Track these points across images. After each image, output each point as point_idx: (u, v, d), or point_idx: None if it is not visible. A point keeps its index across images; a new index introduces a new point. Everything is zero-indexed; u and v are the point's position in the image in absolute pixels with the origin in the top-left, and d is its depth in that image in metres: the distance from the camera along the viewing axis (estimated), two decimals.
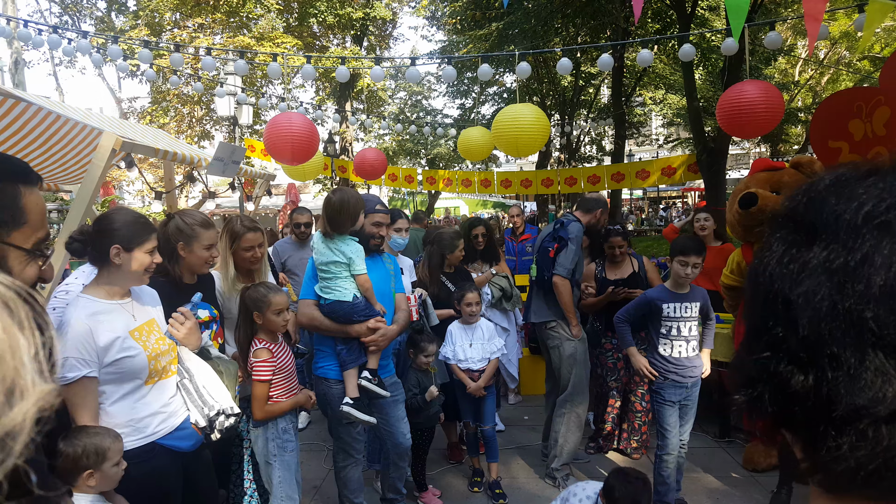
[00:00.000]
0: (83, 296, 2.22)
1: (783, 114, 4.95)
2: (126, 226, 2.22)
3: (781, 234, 0.62)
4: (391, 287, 3.48)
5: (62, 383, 2.05)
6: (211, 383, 2.55)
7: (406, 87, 26.91)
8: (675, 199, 37.02)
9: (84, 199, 3.67)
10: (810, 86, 21.82)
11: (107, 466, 2.03)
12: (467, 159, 9.22)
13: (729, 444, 4.85)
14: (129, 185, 23.25)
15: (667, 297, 3.68)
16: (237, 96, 10.38)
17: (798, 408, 0.56)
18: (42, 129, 4.05)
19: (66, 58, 21.21)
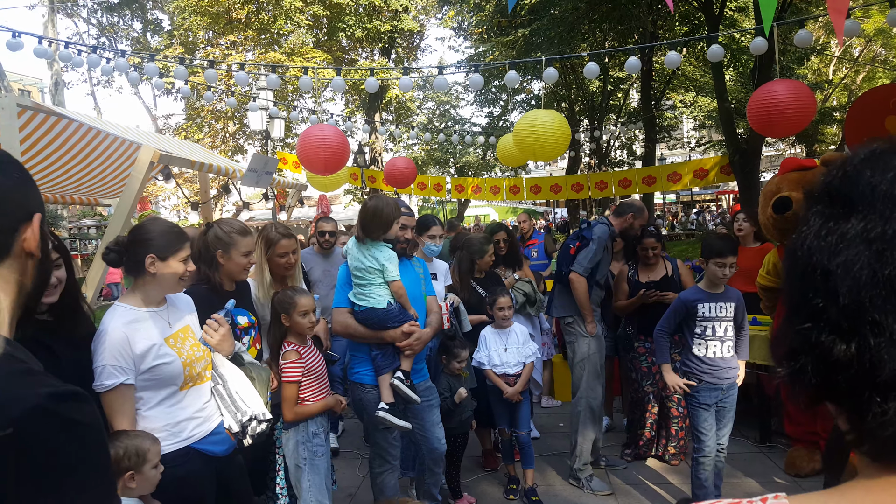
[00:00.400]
0: (120, 304, 2.28)
1: (814, 112, 4.86)
2: (160, 235, 2.28)
3: (818, 209, 0.63)
4: (422, 291, 3.50)
5: (100, 391, 2.10)
6: (244, 389, 2.59)
7: (434, 97, 27.10)
8: (710, 203, 36.38)
9: (123, 212, 3.79)
10: (845, 84, 21.30)
11: (147, 468, 2.07)
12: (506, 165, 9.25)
13: (770, 448, 4.72)
14: (165, 200, 23.85)
15: (702, 298, 3.64)
16: (269, 110, 10.60)
17: (841, 376, 0.57)
18: (82, 144, 4.20)
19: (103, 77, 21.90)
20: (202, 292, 2.85)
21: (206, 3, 16.50)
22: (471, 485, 4.35)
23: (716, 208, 34.37)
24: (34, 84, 30.02)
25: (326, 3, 17.32)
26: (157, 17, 22.55)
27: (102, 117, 23.75)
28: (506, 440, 4.19)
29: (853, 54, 21.57)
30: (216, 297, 2.82)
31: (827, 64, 22.64)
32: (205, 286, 2.88)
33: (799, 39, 5.29)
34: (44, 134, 3.80)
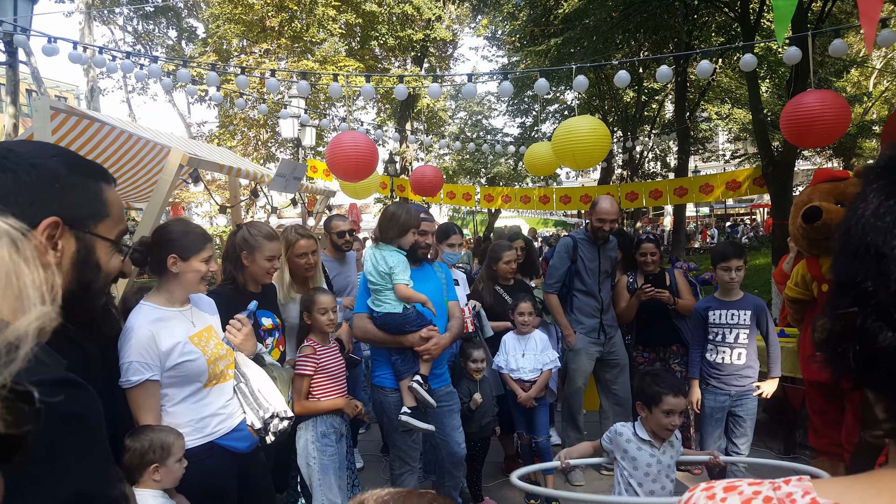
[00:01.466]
0: (145, 303, 2.34)
1: (849, 123, 4.75)
2: (183, 236, 2.34)
3: (878, 186, 0.59)
4: (443, 296, 3.52)
5: (126, 387, 2.17)
6: (266, 387, 2.64)
7: (466, 106, 27.22)
8: (744, 216, 35.71)
9: (153, 214, 3.88)
10: (885, 98, 20.74)
11: (171, 462, 2.12)
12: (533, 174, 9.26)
13: (794, 460, 4.66)
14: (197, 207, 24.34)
15: (713, 305, 3.76)
16: (301, 118, 10.77)
17: (884, 365, 0.55)
18: (114, 148, 4.31)
19: (138, 84, 22.50)
20: (227, 292, 2.92)
21: (241, 12, 16.82)
22: (492, 489, 4.37)
23: (749, 222, 33.73)
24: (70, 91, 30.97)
25: (359, 12, 17.52)
26: (191, 24, 23.03)
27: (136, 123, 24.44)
28: (525, 445, 4.21)
29: (895, 66, 21.00)
30: (240, 297, 2.89)
31: (868, 76, 22.09)
32: (230, 286, 2.96)
33: (834, 49, 5.18)
34: (76, 137, 3.91)
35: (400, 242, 3.26)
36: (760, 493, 0.61)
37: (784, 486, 0.61)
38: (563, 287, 4.55)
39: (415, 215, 3.30)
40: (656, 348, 4.58)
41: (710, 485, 0.68)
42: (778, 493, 0.60)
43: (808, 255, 4.40)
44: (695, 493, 0.68)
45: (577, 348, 4.48)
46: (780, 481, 0.62)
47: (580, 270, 4.49)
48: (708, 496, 0.66)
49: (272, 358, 2.95)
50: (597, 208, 4.45)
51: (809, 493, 0.59)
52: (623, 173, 18.26)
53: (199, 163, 4.27)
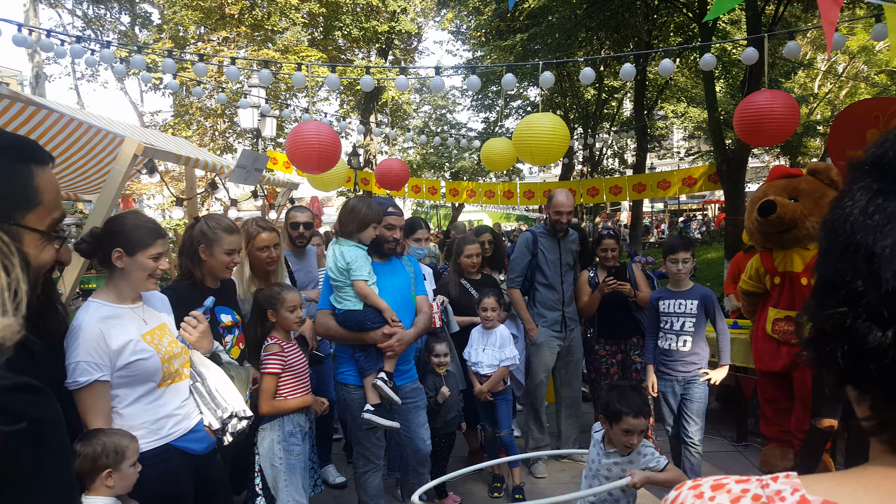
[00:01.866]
0: (94, 300, 2.23)
1: (798, 123, 4.92)
2: (132, 230, 2.23)
3: (866, 183, 0.58)
4: (411, 290, 3.48)
5: (73, 388, 2.06)
6: (223, 387, 2.56)
7: (431, 100, 27.13)
8: (696, 212, 36.65)
9: (104, 207, 3.70)
10: (829, 99, 21.54)
11: (125, 466, 2.04)
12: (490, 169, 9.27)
13: (746, 447, 4.91)
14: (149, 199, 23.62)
15: (664, 295, 4.02)
16: (261, 108, 10.54)
17: (873, 365, 0.54)
18: (62, 136, 4.09)
19: (87, 71, 21.51)
20: (183, 288, 2.82)
21: None
22: (457, 484, 4.37)
23: (701, 217, 34.65)
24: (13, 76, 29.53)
25: (323, 1, 17.23)
26: (146, 10, 22.15)
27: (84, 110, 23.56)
28: (489, 438, 4.23)
29: (838, 70, 21.81)
30: (198, 293, 2.79)
31: (813, 79, 22.88)
32: (187, 282, 2.85)
33: (788, 51, 5.35)
34: (21, 125, 3.68)
35: (360, 237, 3.21)
36: (749, 491, 0.61)
37: (772, 484, 0.60)
38: (525, 281, 4.59)
39: (375, 209, 3.24)
40: (618, 340, 4.67)
41: (697, 483, 0.67)
42: (766, 490, 0.60)
43: (763, 249, 4.54)
44: (682, 491, 0.67)
45: (539, 342, 4.53)
46: (768, 478, 0.62)
47: (541, 264, 4.55)
48: (696, 495, 0.65)
49: (229, 356, 2.86)
50: (553, 201, 4.53)
51: (798, 490, 0.58)
52: (583, 169, 18.50)
53: (155, 153, 4.12)
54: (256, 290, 3.29)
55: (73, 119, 3.99)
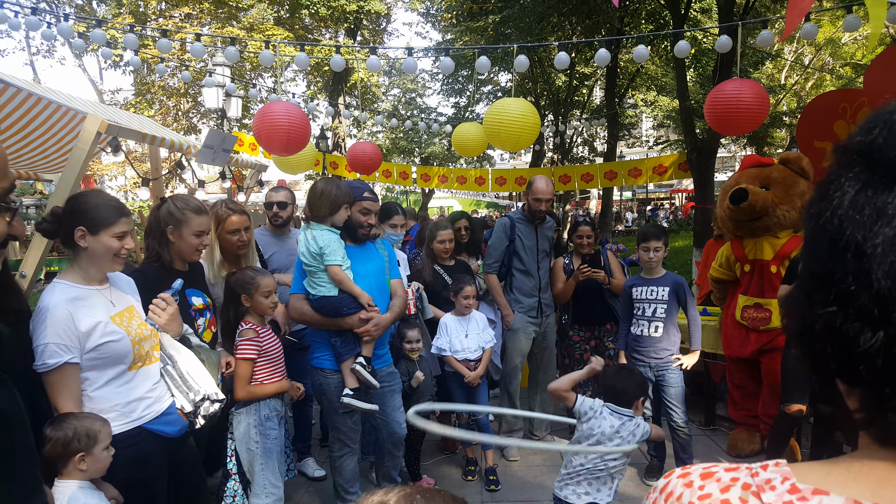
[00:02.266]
0: (59, 281, 2.17)
1: (768, 112, 4.97)
2: (95, 208, 2.16)
3: (855, 173, 0.55)
4: (385, 274, 3.43)
5: (42, 371, 2.02)
6: (194, 369, 2.53)
7: (400, 83, 26.85)
8: (664, 200, 37.28)
9: (66, 187, 3.56)
10: (795, 90, 22.03)
11: (98, 450, 2.01)
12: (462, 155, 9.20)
13: (713, 431, 5.00)
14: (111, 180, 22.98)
15: (637, 282, 4.07)
16: (226, 87, 10.27)
17: (864, 366, 0.52)
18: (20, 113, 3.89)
19: (43, 45, 20.70)
20: (151, 271, 2.74)
21: None
22: (430, 467, 4.40)
23: (669, 206, 35.26)
24: None
25: None
26: None
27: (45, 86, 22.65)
28: (463, 423, 4.22)
29: (804, 61, 22.29)
30: (166, 275, 2.71)
31: (780, 69, 23.34)
32: (155, 264, 2.78)
33: (761, 40, 5.40)
34: None
35: (332, 220, 3.13)
36: (739, 480, 0.61)
37: (762, 472, 0.60)
38: (503, 267, 4.58)
39: (345, 190, 3.17)
40: (591, 327, 4.70)
41: (686, 471, 0.66)
42: (756, 479, 0.60)
43: (733, 237, 4.61)
44: (671, 479, 0.67)
45: (515, 327, 4.53)
46: (758, 466, 0.61)
47: (518, 250, 4.55)
48: (685, 483, 0.64)
49: (199, 339, 2.80)
50: (533, 188, 4.50)
51: (788, 478, 0.58)
52: (554, 157, 18.56)
53: (119, 130, 3.95)
54: (228, 273, 3.21)
55: (32, 94, 3.80)
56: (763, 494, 0.58)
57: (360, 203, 3.27)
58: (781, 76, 23.42)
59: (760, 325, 4.30)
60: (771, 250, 4.28)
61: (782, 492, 0.57)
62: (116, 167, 19.55)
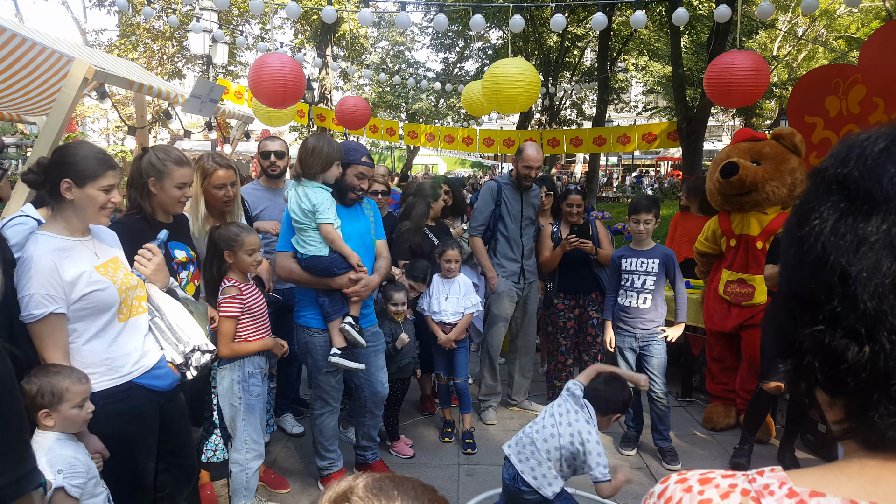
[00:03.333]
0: (42, 232, 2.15)
1: (767, 84, 4.96)
2: (82, 160, 2.13)
3: (833, 202, 0.59)
4: (372, 235, 3.44)
5: (28, 321, 2.01)
6: (183, 321, 2.51)
7: (388, 35, 26.25)
8: (649, 168, 37.37)
9: (52, 131, 3.49)
10: (787, 62, 21.96)
11: (65, 408, 1.99)
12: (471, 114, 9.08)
13: (690, 403, 5.05)
14: (93, 123, 22.40)
15: (626, 253, 4.08)
16: (213, 33, 9.98)
17: (851, 379, 0.56)
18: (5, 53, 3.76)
19: None
20: (133, 222, 2.69)
21: None
22: (408, 427, 4.45)
23: (654, 173, 35.36)
24: None
25: None
26: None
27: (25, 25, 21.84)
28: (442, 385, 4.29)
29: (798, 33, 22.17)
30: (148, 227, 2.67)
31: (773, 40, 23.22)
32: (137, 216, 2.73)
33: (761, 11, 5.36)
34: None
35: (324, 177, 3.09)
36: (737, 486, 0.63)
37: (759, 478, 0.62)
38: (487, 230, 4.58)
39: (337, 146, 3.13)
40: (577, 296, 4.74)
41: (683, 476, 0.68)
42: (754, 485, 0.62)
43: (721, 211, 4.64)
44: (669, 484, 0.68)
45: (499, 291, 4.56)
46: (754, 472, 0.63)
47: (503, 215, 4.54)
48: (684, 489, 0.66)
49: (185, 293, 2.79)
50: (523, 155, 4.49)
51: (786, 483, 0.60)
52: (542, 119, 18.43)
53: (106, 77, 3.85)
54: (212, 227, 3.16)
55: (16, 35, 3.67)
56: (763, 500, 0.60)
57: (357, 167, 3.23)
58: (774, 46, 23.31)
59: (743, 301, 4.36)
60: (758, 226, 4.31)
61: (781, 496, 0.59)
62: (99, 110, 19.02)
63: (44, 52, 3.96)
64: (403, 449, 4.08)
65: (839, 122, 5.48)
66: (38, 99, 4.61)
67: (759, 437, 4.21)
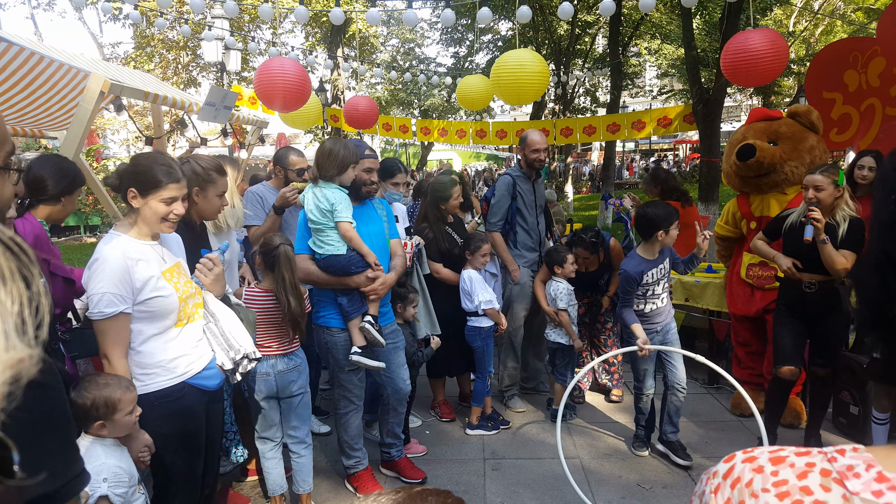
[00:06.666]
0: (116, 233, 2.25)
1: (786, 62, 4.85)
2: (146, 171, 2.21)
3: None
4: (385, 233, 3.46)
5: (99, 318, 2.11)
6: (235, 328, 2.59)
7: (398, 33, 26.26)
8: (667, 152, 36.92)
9: (72, 145, 3.57)
10: (804, 37, 21.52)
11: (118, 416, 2.05)
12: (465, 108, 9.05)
13: (717, 390, 4.99)
14: (113, 134, 22.77)
15: (644, 267, 3.73)
16: (225, 40, 10.07)
17: None
18: (24, 71, 3.85)
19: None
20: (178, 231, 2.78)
21: None
22: (431, 424, 4.47)
23: (673, 157, 34.94)
24: None
25: None
26: None
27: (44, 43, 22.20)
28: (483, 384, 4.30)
29: (814, 7, 21.71)
30: (191, 234, 2.76)
31: (788, 16, 22.77)
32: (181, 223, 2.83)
33: None
34: None
35: (341, 179, 3.17)
36: (815, 465, 0.57)
37: (840, 458, 0.57)
38: (506, 224, 4.62)
39: (352, 150, 3.19)
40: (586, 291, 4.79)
41: (750, 455, 0.62)
42: (835, 465, 0.56)
43: (740, 193, 4.59)
44: (735, 463, 0.63)
45: (522, 282, 4.61)
46: (834, 451, 0.58)
47: (520, 207, 4.60)
48: (754, 468, 0.60)
49: (237, 298, 2.89)
50: (528, 141, 4.57)
51: (873, 465, 0.55)
52: (555, 108, 18.30)
53: (122, 89, 3.92)
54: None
55: (35, 53, 3.75)
56: (847, 482, 0.55)
57: (363, 161, 3.29)
58: (790, 22, 22.87)
59: (766, 284, 4.31)
60: (778, 207, 4.24)
61: (869, 480, 0.54)
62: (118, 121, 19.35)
63: (62, 69, 4.04)
64: (416, 448, 4.08)
65: (859, 96, 5.37)
66: (59, 114, 4.71)
67: (791, 421, 4.17)
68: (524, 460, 3.94)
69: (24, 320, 0.40)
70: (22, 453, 0.76)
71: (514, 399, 4.74)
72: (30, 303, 0.41)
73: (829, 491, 0.55)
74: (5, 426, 0.40)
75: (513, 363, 4.77)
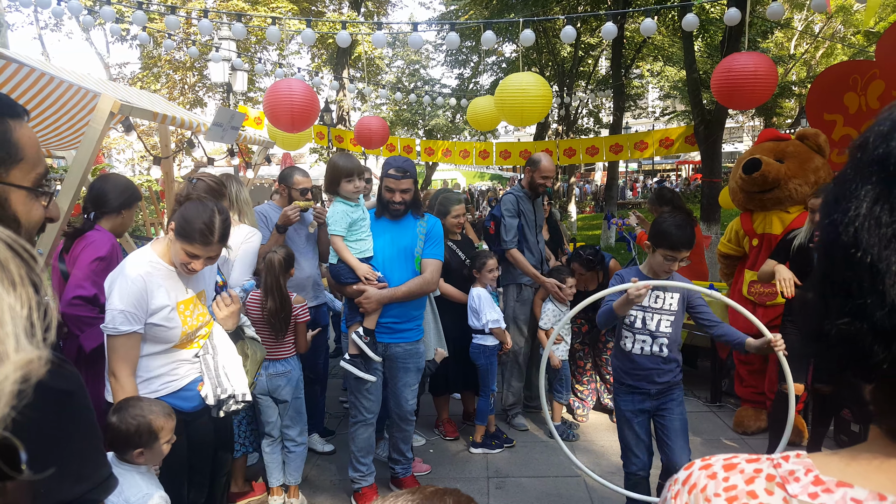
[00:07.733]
0: (149, 251, 2.32)
1: (776, 85, 4.92)
2: (188, 221, 2.24)
3: (872, 184, 0.53)
4: (415, 252, 3.42)
5: (112, 334, 2.17)
6: (231, 367, 2.55)
7: (404, 55, 26.56)
8: (670, 172, 37.05)
9: (81, 165, 3.60)
10: (805, 60, 21.71)
11: (158, 444, 2.05)
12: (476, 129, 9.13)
13: (720, 408, 4.98)
14: (119, 154, 22.97)
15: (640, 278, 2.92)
16: (232, 61, 10.21)
17: (876, 371, 0.53)
18: (34, 91, 3.92)
19: (51, 20, 20.58)
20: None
21: None
22: (435, 443, 4.46)
23: (675, 177, 35.05)
24: None
25: None
26: None
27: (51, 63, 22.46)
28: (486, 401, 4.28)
29: (814, 30, 21.92)
30: None
31: (789, 39, 22.99)
32: None
33: (771, 12, 5.35)
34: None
35: (340, 192, 3.29)
36: (762, 471, 0.61)
37: (784, 464, 0.60)
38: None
39: (347, 163, 3.30)
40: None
41: (707, 462, 0.66)
42: (779, 470, 0.60)
43: (744, 211, 4.62)
44: (693, 471, 0.67)
45: (525, 298, 4.63)
46: (779, 458, 0.61)
47: (524, 225, 4.61)
48: (708, 475, 0.64)
49: (253, 331, 2.91)
50: (540, 166, 4.57)
51: (812, 470, 0.58)
52: (559, 129, 18.44)
53: (131, 110, 3.99)
54: None
55: (44, 74, 3.82)
56: (788, 486, 0.58)
57: (386, 180, 3.37)
58: (791, 45, 23.08)
59: (767, 301, 4.32)
60: (780, 225, 4.28)
61: (807, 483, 0.57)
62: (124, 141, 19.54)
63: (70, 89, 4.11)
64: (420, 467, 4.07)
65: (859, 118, 5.42)
66: (67, 134, 4.78)
67: (792, 439, 4.14)
68: (528, 479, 3.92)
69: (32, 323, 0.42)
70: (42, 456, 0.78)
71: (517, 417, 4.73)
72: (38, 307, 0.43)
73: (772, 494, 0.59)
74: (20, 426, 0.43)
75: (517, 381, 4.76)
